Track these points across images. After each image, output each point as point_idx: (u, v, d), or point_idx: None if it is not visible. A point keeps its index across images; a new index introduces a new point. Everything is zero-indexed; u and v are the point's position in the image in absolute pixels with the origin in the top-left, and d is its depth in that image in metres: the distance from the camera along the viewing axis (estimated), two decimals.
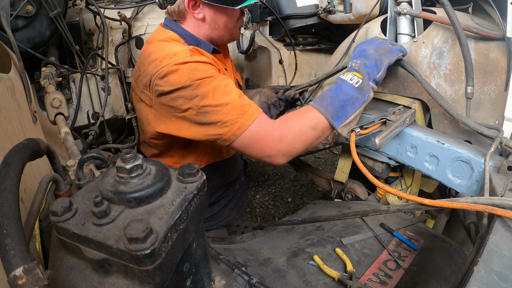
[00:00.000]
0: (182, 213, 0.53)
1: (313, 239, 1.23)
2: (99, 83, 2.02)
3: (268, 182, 3.06)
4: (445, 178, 1.30)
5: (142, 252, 0.45)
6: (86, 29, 2.06)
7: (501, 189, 1.02)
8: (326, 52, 2.53)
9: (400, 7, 1.49)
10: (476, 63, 1.33)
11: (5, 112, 0.77)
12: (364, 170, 1.19)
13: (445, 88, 1.43)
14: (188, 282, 0.62)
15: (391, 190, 1.12)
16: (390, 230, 1.24)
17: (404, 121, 1.36)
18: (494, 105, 1.32)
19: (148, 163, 0.57)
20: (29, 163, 0.63)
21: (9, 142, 0.73)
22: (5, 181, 0.50)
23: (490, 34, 1.29)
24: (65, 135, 1.21)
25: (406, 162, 1.42)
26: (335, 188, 1.88)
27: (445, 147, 1.27)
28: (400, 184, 1.65)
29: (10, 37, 1.15)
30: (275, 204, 2.79)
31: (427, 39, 1.45)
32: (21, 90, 0.97)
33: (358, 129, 1.32)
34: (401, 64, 1.43)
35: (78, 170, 0.72)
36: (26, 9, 1.56)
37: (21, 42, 1.57)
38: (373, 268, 1.08)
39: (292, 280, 1.03)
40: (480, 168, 1.19)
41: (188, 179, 0.58)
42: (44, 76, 1.61)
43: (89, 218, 0.51)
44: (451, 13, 1.24)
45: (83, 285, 0.49)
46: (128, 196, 0.52)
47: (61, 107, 1.42)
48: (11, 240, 0.45)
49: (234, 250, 1.19)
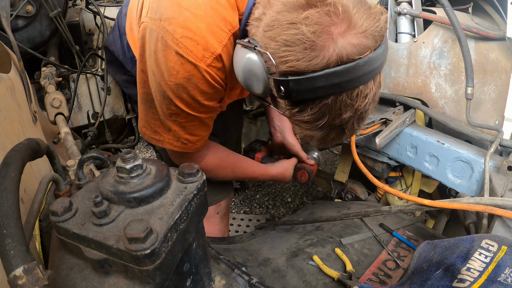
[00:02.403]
0: (182, 213, 0.53)
1: (313, 239, 1.23)
2: (99, 83, 2.02)
3: (268, 182, 3.06)
4: (445, 178, 1.30)
5: (142, 252, 0.45)
6: (86, 29, 2.06)
7: (501, 189, 1.02)
8: None
9: (400, 7, 1.49)
10: (476, 63, 1.33)
11: (5, 112, 0.77)
12: (364, 170, 1.19)
13: (445, 88, 1.43)
14: (188, 282, 0.62)
15: (391, 190, 1.12)
16: (389, 230, 1.24)
17: (404, 121, 1.36)
18: (494, 105, 1.32)
19: (148, 163, 0.57)
20: (29, 163, 0.63)
21: (9, 142, 0.73)
22: (5, 181, 0.50)
23: (490, 34, 1.29)
24: (65, 135, 1.21)
25: (406, 162, 1.42)
26: (335, 188, 1.88)
27: (445, 147, 1.27)
28: (400, 184, 1.65)
29: (10, 37, 1.15)
30: (275, 204, 2.79)
31: (427, 39, 1.45)
32: (21, 90, 0.97)
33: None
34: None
35: (78, 170, 0.72)
36: (26, 9, 1.56)
37: (21, 42, 1.57)
38: (372, 268, 1.08)
39: (291, 280, 1.03)
40: (480, 168, 1.19)
41: (188, 179, 0.58)
42: (44, 76, 1.61)
43: (89, 218, 0.51)
44: (451, 13, 1.24)
45: (83, 285, 0.49)
46: (128, 196, 0.52)
47: (61, 107, 1.42)
48: (11, 240, 0.45)
49: (234, 250, 1.19)
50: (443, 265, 0.85)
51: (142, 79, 1.10)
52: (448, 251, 0.89)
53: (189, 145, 1.15)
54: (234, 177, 1.42)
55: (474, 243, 0.85)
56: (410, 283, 0.87)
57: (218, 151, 1.34)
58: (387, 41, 0.85)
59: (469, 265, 0.81)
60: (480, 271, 0.78)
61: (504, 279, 0.75)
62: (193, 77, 0.96)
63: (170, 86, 0.98)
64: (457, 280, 0.79)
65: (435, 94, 1.47)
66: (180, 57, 0.94)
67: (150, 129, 1.17)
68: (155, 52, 0.98)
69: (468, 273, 0.79)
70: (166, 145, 1.17)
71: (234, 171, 1.39)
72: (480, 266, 0.80)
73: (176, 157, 1.27)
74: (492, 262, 0.79)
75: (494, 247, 0.83)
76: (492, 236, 0.86)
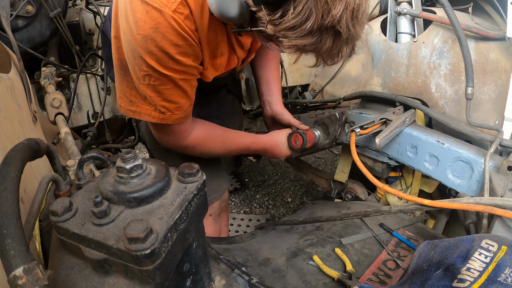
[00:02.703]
0: (182, 213, 0.53)
1: (313, 239, 1.23)
2: (99, 83, 2.02)
3: (268, 182, 3.06)
4: (445, 178, 1.30)
5: (142, 252, 0.45)
6: (86, 29, 2.06)
7: (501, 189, 1.02)
8: None
9: (400, 7, 1.49)
10: (476, 63, 1.33)
11: (5, 112, 0.77)
12: (364, 170, 1.19)
13: (445, 88, 1.43)
14: (188, 282, 0.62)
15: (391, 190, 1.12)
16: (389, 230, 1.24)
17: (404, 121, 1.36)
18: (494, 105, 1.32)
19: (148, 163, 0.57)
20: (29, 163, 0.63)
21: (9, 142, 0.73)
22: (5, 181, 0.50)
23: (490, 34, 1.29)
24: (65, 135, 1.21)
25: (406, 162, 1.42)
26: (335, 188, 1.88)
27: (445, 147, 1.27)
28: (400, 184, 1.65)
29: (10, 37, 1.15)
30: (275, 204, 2.79)
31: (427, 39, 1.45)
32: (21, 90, 0.97)
33: (358, 129, 1.32)
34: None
35: (78, 170, 0.72)
36: (26, 9, 1.56)
37: (21, 42, 1.57)
38: (372, 268, 1.08)
39: (292, 281, 1.03)
40: (480, 168, 1.19)
41: (188, 179, 0.58)
42: (44, 76, 1.61)
43: (89, 218, 0.51)
44: (451, 14, 1.25)
45: (83, 285, 0.49)
46: (128, 196, 0.52)
47: (61, 107, 1.42)
48: (11, 240, 0.45)
49: (233, 250, 1.19)
50: (443, 265, 0.85)
51: (116, 46, 1.08)
52: (448, 251, 0.89)
53: (167, 114, 1.10)
54: (225, 149, 1.33)
55: (474, 243, 0.85)
56: (410, 283, 0.87)
57: (205, 124, 1.29)
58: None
59: (469, 265, 0.81)
60: (480, 271, 0.78)
61: (504, 279, 0.75)
62: (160, 26, 0.93)
63: (139, 40, 0.95)
64: (457, 280, 0.79)
65: (435, 94, 1.47)
66: (145, 4, 0.92)
67: (126, 100, 1.12)
68: (125, 9, 0.96)
69: (468, 273, 0.79)
70: (144, 117, 1.11)
71: (225, 142, 1.32)
72: (480, 266, 0.80)
73: (160, 133, 1.21)
74: (492, 262, 0.79)
75: (494, 247, 0.83)
76: (492, 236, 0.86)
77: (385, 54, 1.62)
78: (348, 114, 1.55)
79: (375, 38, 1.67)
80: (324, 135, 1.57)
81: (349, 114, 1.55)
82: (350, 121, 1.55)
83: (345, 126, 1.57)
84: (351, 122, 1.54)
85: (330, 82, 1.93)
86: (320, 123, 1.62)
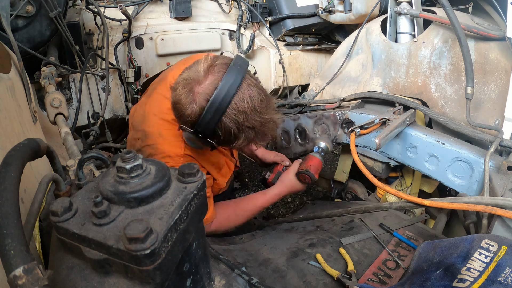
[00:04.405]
0: (182, 213, 0.53)
1: (313, 239, 1.23)
2: (99, 83, 2.02)
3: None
4: (445, 178, 1.30)
5: (142, 252, 0.45)
6: (86, 29, 2.06)
7: (501, 189, 1.02)
8: (326, 52, 2.52)
9: (400, 7, 1.49)
10: (476, 63, 1.33)
11: (5, 112, 0.77)
12: (364, 170, 1.18)
13: (445, 88, 1.43)
14: (188, 282, 0.61)
15: (391, 190, 1.12)
16: (389, 230, 1.24)
17: (404, 121, 1.36)
18: (494, 105, 1.32)
19: (148, 163, 0.57)
20: (29, 163, 0.63)
21: (9, 142, 0.73)
22: (5, 181, 0.50)
23: (490, 34, 1.29)
24: (65, 135, 1.21)
25: (406, 162, 1.42)
26: (335, 188, 1.88)
27: (445, 147, 1.27)
28: (400, 184, 1.65)
29: (10, 37, 1.15)
30: (275, 204, 2.79)
31: (427, 39, 1.45)
32: (21, 90, 0.97)
33: (358, 129, 1.32)
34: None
35: (78, 170, 0.72)
36: (26, 9, 1.56)
37: (21, 42, 1.57)
38: (373, 268, 1.08)
39: (292, 281, 1.03)
40: (480, 168, 1.19)
41: (188, 179, 0.58)
42: (44, 76, 1.61)
43: (89, 218, 0.51)
44: (451, 13, 1.24)
45: (83, 285, 0.49)
46: (128, 196, 0.52)
47: (61, 107, 1.42)
48: (11, 240, 0.45)
49: (234, 251, 1.19)
50: (443, 265, 0.85)
51: None
52: (448, 251, 0.89)
53: None
54: (241, 219, 1.47)
55: (474, 243, 0.85)
56: (410, 283, 0.87)
57: (216, 207, 1.42)
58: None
59: (469, 265, 0.81)
60: (480, 271, 0.78)
61: (504, 279, 0.75)
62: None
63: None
64: (457, 280, 0.79)
65: (435, 94, 1.47)
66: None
67: None
68: None
69: (468, 273, 0.79)
70: None
71: (239, 215, 1.46)
72: (480, 266, 0.80)
73: None
74: (492, 262, 0.79)
75: (494, 247, 0.83)
76: (492, 236, 0.86)
77: (385, 54, 1.62)
78: (348, 114, 1.55)
79: (375, 38, 1.67)
80: (328, 140, 1.62)
81: (349, 114, 1.55)
82: (350, 121, 1.55)
83: (345, 126, 1.57)
84: (351, 122, 1.54)
85: (330, 82, 1.93)
86: (320, 123, 1.62)
